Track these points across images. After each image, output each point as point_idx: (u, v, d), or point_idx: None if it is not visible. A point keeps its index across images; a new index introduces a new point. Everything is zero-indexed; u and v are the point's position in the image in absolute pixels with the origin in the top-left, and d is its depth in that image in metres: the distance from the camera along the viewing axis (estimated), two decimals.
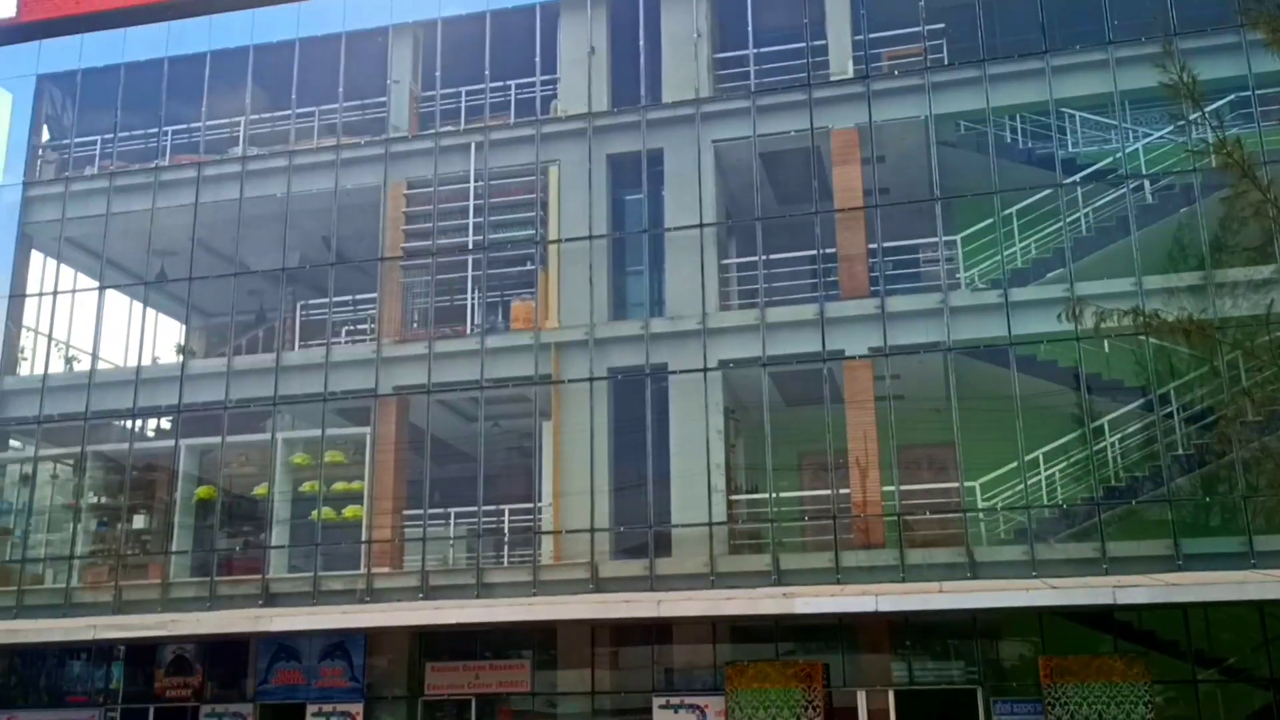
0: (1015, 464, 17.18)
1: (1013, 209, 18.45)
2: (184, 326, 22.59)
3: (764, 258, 18.87)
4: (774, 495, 18.10)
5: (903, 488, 17.47)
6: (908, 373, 18.10)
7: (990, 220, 18.38)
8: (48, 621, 18.88)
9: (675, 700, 17.07)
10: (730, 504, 18.32)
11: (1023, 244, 18.61)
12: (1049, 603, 15.38)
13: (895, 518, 17.20)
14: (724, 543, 17.90)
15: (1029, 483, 17.10)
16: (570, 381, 18.99)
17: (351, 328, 21.21)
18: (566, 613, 16.63)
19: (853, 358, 18.10)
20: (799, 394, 18.98)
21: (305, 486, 19.93)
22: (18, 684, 20.04)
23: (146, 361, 21.48)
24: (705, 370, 18.38)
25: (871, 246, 18.70)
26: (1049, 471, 17.41)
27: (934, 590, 15.45)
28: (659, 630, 17.81)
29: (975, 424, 17.40)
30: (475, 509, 18.85)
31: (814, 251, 18.79)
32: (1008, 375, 17.37)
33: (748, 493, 19.23)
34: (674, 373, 18.66)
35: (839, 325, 18.22)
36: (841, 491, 17.70)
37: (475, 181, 20.33)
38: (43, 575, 20.56)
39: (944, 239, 18.31)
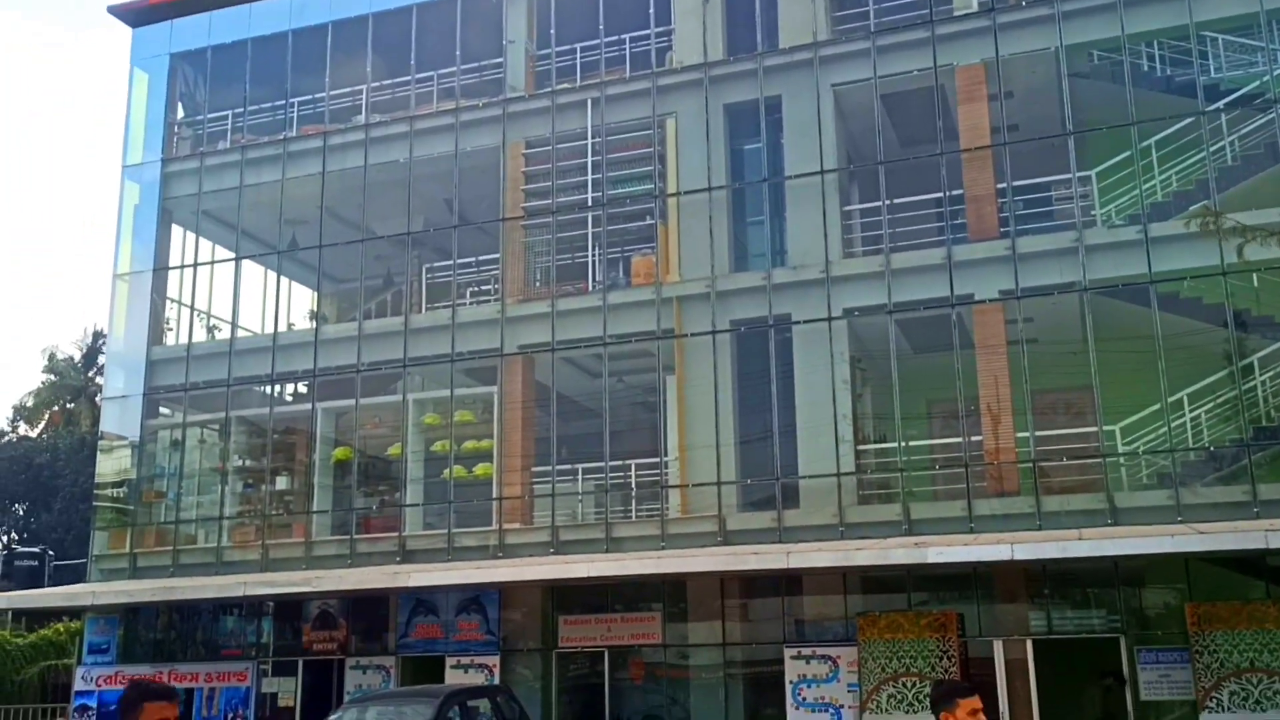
0: (1158, 406, 16.51)
1: (1151, 140, 17.63)
2: (316, 293, 23.26)
3: (888, 202, 18.45)
4: (903, 444, 17.80)
5: (1038, 433, 16.96)
6: (1041, 315, 17.52)
7: (1127, 153, 17.60)
8: (201, 579, 19.77)
9: (807, 651, 16.99)
10: (858, 454, 18.09)
11: (1163, 177, 17.77)
12: (1196, 548, 14.81)
13: (1030, 464, 16.73)
14: (852, 493, 17.70)
15: (1173, 425, 16.41)
16: (693, 335, 18.93)
17: (476, 288, 21.51)
18: (696, 565, 16.66)
19: (982, 301, 17.60)
20: (926, 340, 18.57)
21: (436, 446, 20.37)
22: (176, 638, 21.07)
23: (282, 328, 22.23)
24: (830, 319, 18.11)
25: (1000, 186, 18.11)
26: (1194, 413, 16.68)
27: (1073, 537, 14.99)
28: (789, 582, 17.75)
29: (1114, 366, 16.77)
30: (602, 464, 19.01)
31: (940, 194, 18.28)
32: (1149, 314, 16.65)
33: (875, 442, 18.93)
34: (798, 323, 18.44)
35: (967, 268, 17.72)
36: (973, 439, 17.29)
37: (593, 138, 20.32)
38: (195, 535, 21.52)
39: (1078, 175, 17.60)
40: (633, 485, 19.37)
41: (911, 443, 18.07)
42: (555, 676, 18.76)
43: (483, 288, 21.51)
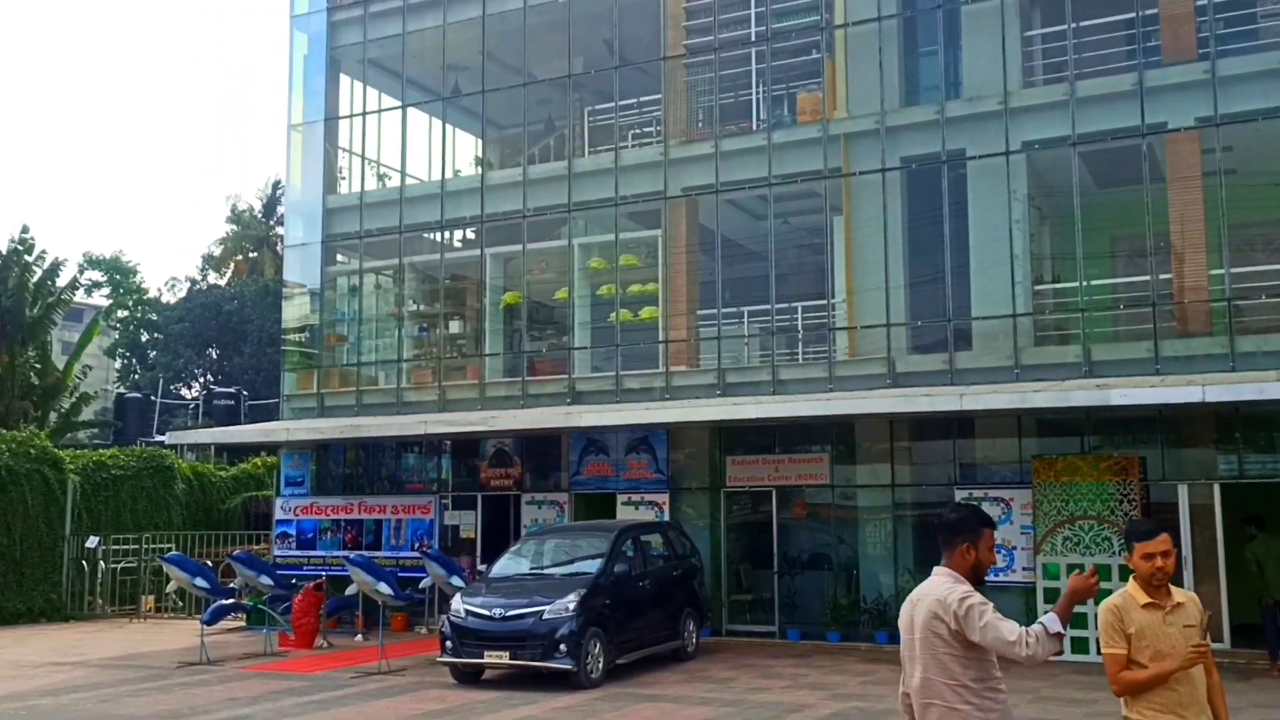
0: None
1: None
2: (480, 139, 23.45)
3: (1073, 25, 17.27)
4: (1084, 284, 17.08)
5: (1233, 270, 16.02)
6: (1241, 144, 16.31)
7: None
8: (385, 418, 20.77)
9: (979, 493, 16.87)
10: (1035, 294, 17.49)
11: None
12: None
13: (1224, 303, 15.86)
14: (1029, 335, 17.19)
15: None
16: (861, 174, 18.40)
17: (638, 131, 21.32)
18: (866, 407, 16.58)
19: (1177, 130, 16.49)
20: (1112, 174, 17.58)
21: (602, 290, 20.60)
22: (364, 473, 22.34)
23: (449, 175, 22.56)
24: (1008, 153, 17.28)
25: (1199, 4, 16.72)
26: None
27: (1271, 379, 14.25)
28: (960, 424, 17.54)
29: None
30: (768, 307, 18.91)
31: (1131, 14, 17.00)
32: None
33: (1053, 282, 18.25)
34: (972, 158, 17.69)
35: (1160, 95, 16.56)
36: (1161, 277, 16.47)
37: None
38: (375, 377, 22.53)
39: None
40: (799, 328, 19.27)
41: (1093, 282, 17.33)
42: (723, 514, 19.19)
43: (645, 130, 21.30)
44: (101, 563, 23.46)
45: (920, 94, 18.88)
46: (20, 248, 36.63)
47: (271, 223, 54.48)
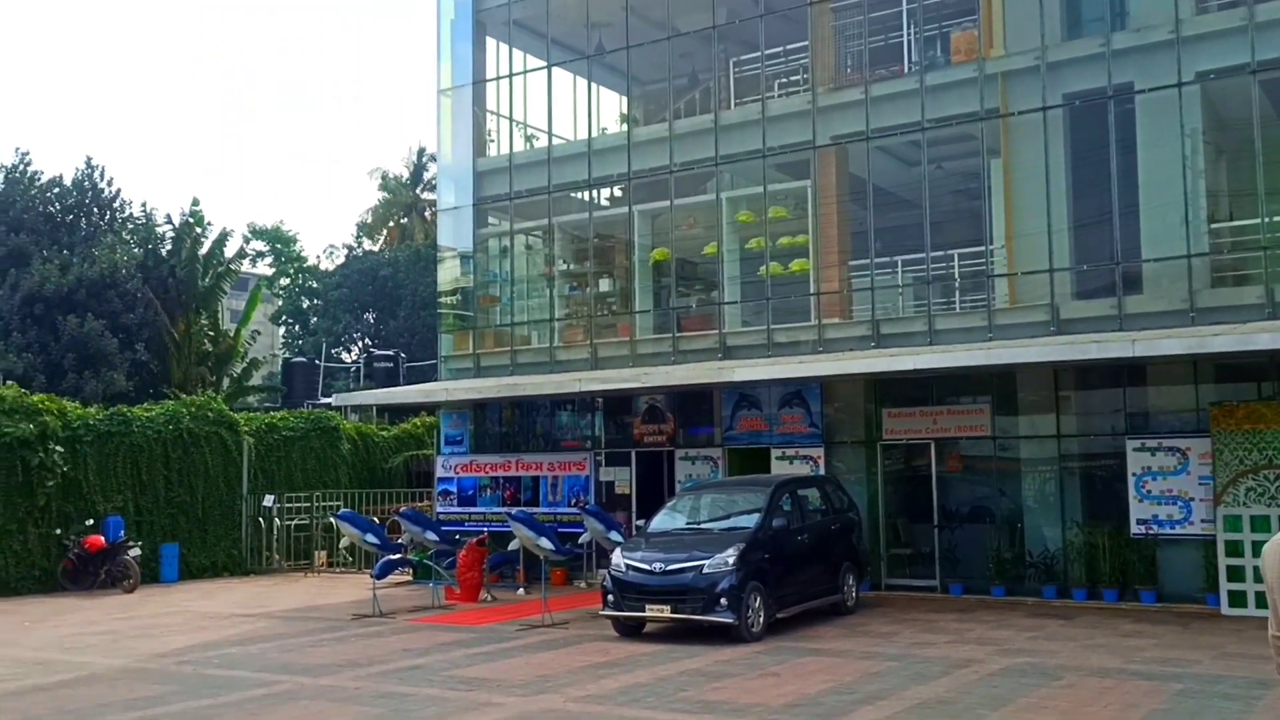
0: None
1: None
2: (625, 96, 23.42)
3: None
4: (1266, 221, 16.10)
5: None
6: None
7: None
8: (539, 377, 21.09)
9: (1152, 443, 16.18)
10: (1211, 233, 16.57)
11: None
12: None
13: None
14: (1204, 276, 16.33)
15: None
16: (1020, 114, 17.70)
17: (785, 80, 20.94)
18: (1030, 355, 16.02)
19: None
20: None
21: (751, 243, 20.41)
22: (520, 431, 22.79)
23: (595, 134, 22.62)
24: (1180, 85, 16.36)
25: None
26: None
27: None
28: (1130, 371, 16.82)
29: None
30: (922, 255, 18.44)
31: None
32: None
33: (1230, 220, 17.25)
34: (1141, 92, 16.81)
35: None
36: None
37: None
38: (528, 336, 22.88)
39: None
40: (956, 276, 18.74)
41: (1275, 218, 16.31)
42: (880, 468, 18.91)
43: (792, 78, 20.91)
44: (277, 520, 24.61)
45: (1083, 26, 18.00)
46: (191, 220, 38.45)
47: (418, 190, 55.79)
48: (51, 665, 13.11)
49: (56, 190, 37.40)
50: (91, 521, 21.62)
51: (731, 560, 13.80)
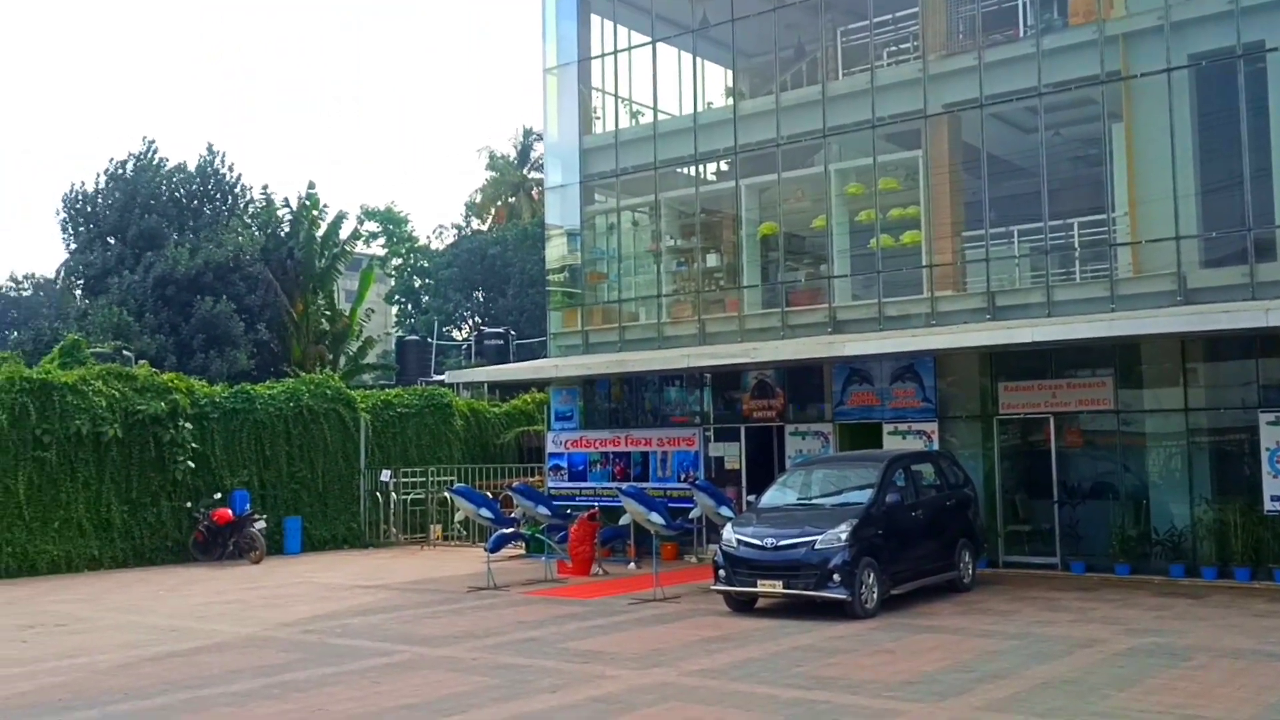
0: None
1: None
2: (730, 70, 23.21)
3: None
4: None
5: None
6: None
7: None
8: (648, 353, 21.13)
9: None
10: None
11: None
12: None
13: None
14: None
15: None
16: (1143, 76, 17.05)
17: (894, 48, 20.51)
18: (1156, 326, 15.47)
19: None
20: None
21: (861, 216, 20.10)
22: (629, 406, 22.89)
23: (700, 108, 22.48)
24: None
25: None
26: None
27: None
28: (1264, 342, 16.12)
29: None
30: (1040, 225, 17.93)
31: None
32: None
33: None
34: (1273, 50, 16.02)
35: None
36: None
37: None
38: (636, 313, 22.93)
39: None
40: (1075, 245, 18.18)
41: None
42: (996, 442, 18.50)
43: (901, 46, 20.47)
44: (393, 494, 25.20)
45: None
46: (308, 203, 39.48)
47: (525, 169, 56.30)
48: (185, 632, 13.66)
49: (181, 176, 38.78)
50: (219, 495, 22.46)
51: (844, 536, 13.67)
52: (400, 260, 60.49)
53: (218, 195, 39.25)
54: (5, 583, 19.32)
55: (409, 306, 57.33)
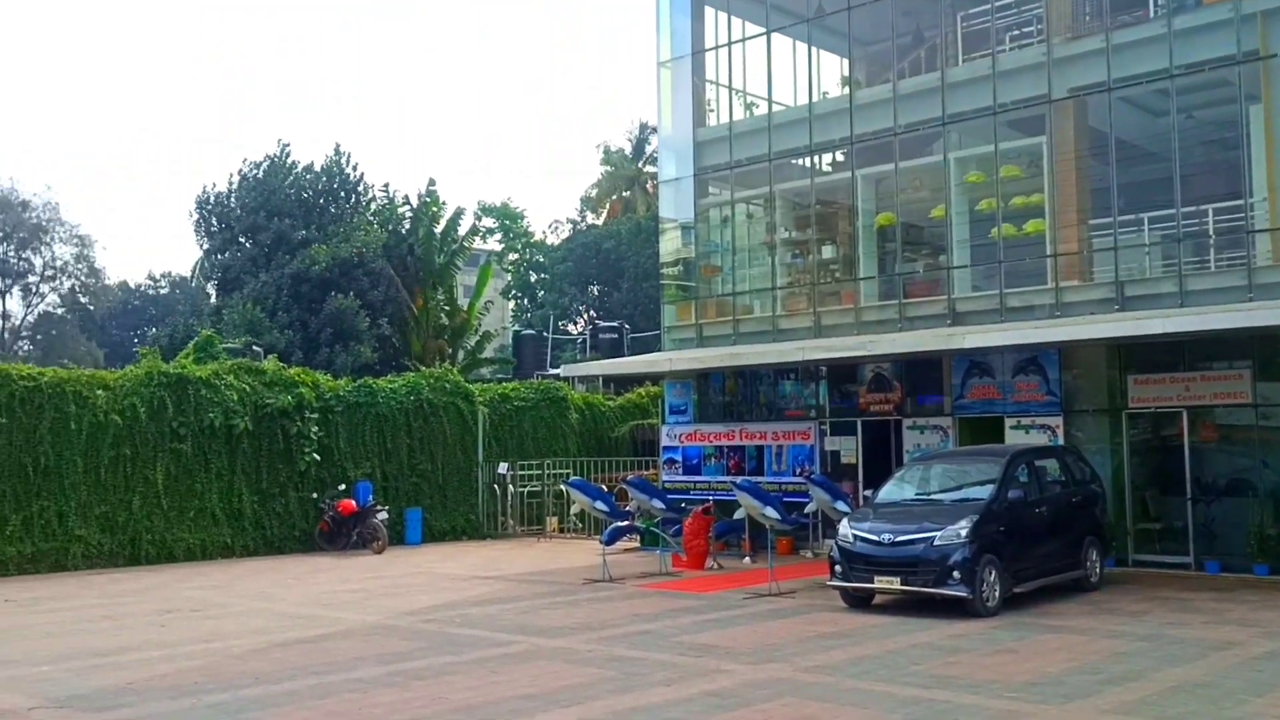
0: None
1: None
2: (846, 58, 22.90)
3: None
4: None
5: None
6: None
7: None
8: (762, 346, 21.01)
9: None
10: None
11: None
12: None
13: None
14: None
15: None
16: None
17: (1017, 32, 19.95)
18: None
19: None
20: None
21: (981, 205, 19.63)
22: (743, 400, 22.78)
23: (816, 98, 22.24)
24: None
25: None
26: None
27: None
28: None
29: None
30: (1171, 211, 17.25)
31: None
32: None
33: None
34: None
35: None
36: None
37: None
38: (750, 306, 22.81)
39: None
40: (1209, 232, 17.44)
41: None
42: (1125, 437, 17.88)
43: (1024, 30, 19.90)
44: (511, 487, 25.57)
45: None
46: (428, 200, 40.32)
47: (640, 163, 56.50)
48: (311, 619, 14.09)
49: (310, 176, 40.04)
50: (343, 486, 23.09)
51: (964, 532, 13.37)
52: (516, 255, 61.32)
53: (342, 194, 40.40)
54: (145, 569, 20.20)
55: (525, 301, 58.11)
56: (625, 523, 19.31)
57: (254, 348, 31.10)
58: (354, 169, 40.79)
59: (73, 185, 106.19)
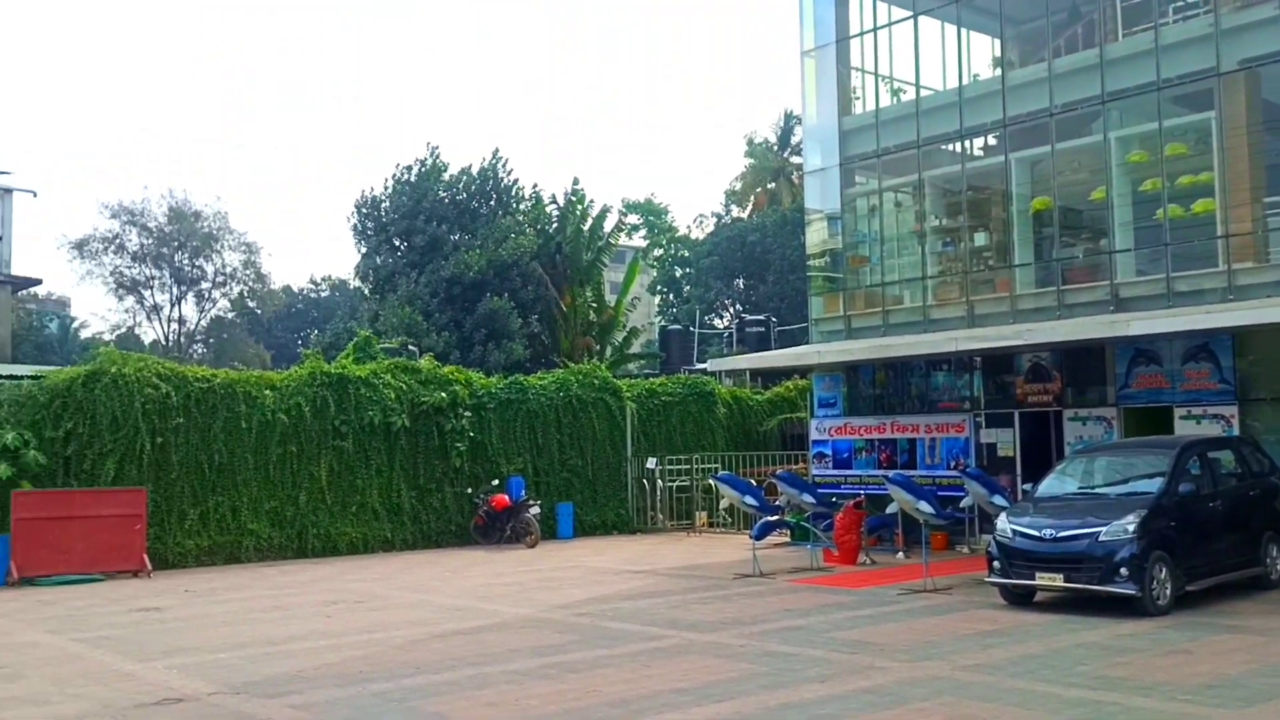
0: None
1: None
2: (998, 38, 22.20)
3: None
4: None
5: None
6: None
7: None
8: (913, 337, 20.56)
9: None
10: None
11: None
12: None
13: None
14: None
15: None
16: None
17: (1180, 3, 18.99)
18: None
19: None
20: None
21: (1145, 185, 18.77)
22: (894, 392, 22.34)
23: (966, 81, 21.62)
24: None
25: None
26: None
27: None
28: None
29: None
30: None
31: None
32: None
33: None
34: None
35: None
36: None
37: None
38: (900, 296, 22.35)
39: None
40: None
41: None
42: None
43: (1188, 1, 18.93)
44: (659, 481, 25.69)
45: None
46: (574, 199, 40.88)
47: (785, 154, 56.01)
48: (468, 611, 14.42)
49: (465, 180, 41.05)
50: (497, 481, 23.59)
51: (1132, 527, 12.81)
52: (661, 251, 61.58)
53: (493, 196, 41.28)
54: (312, 561, 21.05)
55: (671, 296, 58.29)
56: (775, 517, 19.16)
57: (409, 347, 32.05)
58: (509, 173, 41.61)
59: (238, 194, 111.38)
